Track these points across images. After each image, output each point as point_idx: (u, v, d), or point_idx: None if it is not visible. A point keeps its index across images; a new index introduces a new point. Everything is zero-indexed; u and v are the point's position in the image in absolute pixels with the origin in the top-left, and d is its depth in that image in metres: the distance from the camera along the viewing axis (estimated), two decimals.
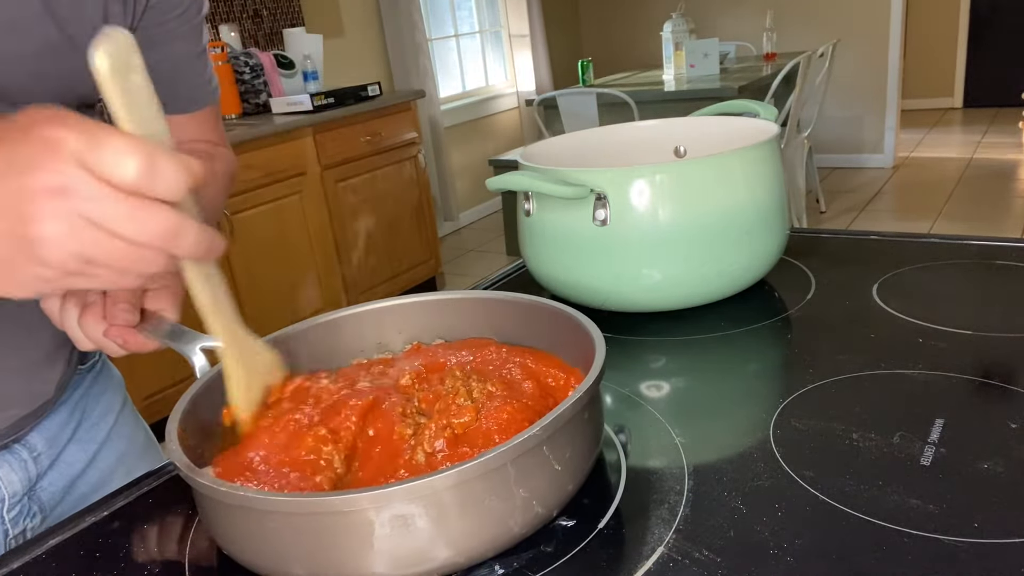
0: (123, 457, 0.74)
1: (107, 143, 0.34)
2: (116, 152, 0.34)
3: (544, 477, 0.42)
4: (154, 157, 0.34)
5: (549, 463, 0.42)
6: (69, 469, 0.69)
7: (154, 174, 0.34)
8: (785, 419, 0.54)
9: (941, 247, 0.82)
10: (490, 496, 0.40)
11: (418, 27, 4.05)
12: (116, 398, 0.76)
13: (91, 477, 0.71)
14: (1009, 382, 0.55)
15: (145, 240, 0.36)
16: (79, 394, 0.71)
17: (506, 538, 0.42)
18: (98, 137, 0.34)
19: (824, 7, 4.72)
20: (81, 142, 0.34)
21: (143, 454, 0.77)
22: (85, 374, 0.73)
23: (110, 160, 0.34)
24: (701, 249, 0.69)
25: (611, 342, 0.70)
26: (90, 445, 0.71)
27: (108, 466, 0.73)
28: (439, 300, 0.62)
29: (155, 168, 0.34)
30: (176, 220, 0.36)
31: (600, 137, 0.92)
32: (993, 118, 5.77)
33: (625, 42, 5.47)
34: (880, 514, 0.43)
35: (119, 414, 0.76)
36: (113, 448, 0.73)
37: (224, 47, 3.05)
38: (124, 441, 0.75)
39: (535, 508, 0.42)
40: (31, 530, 0.66)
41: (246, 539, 0.42)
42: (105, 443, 0.73)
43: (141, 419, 0.80)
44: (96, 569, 0.48)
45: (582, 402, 0.44)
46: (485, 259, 4.12)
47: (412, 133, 3.33)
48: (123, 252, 0.36)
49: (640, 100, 3.34)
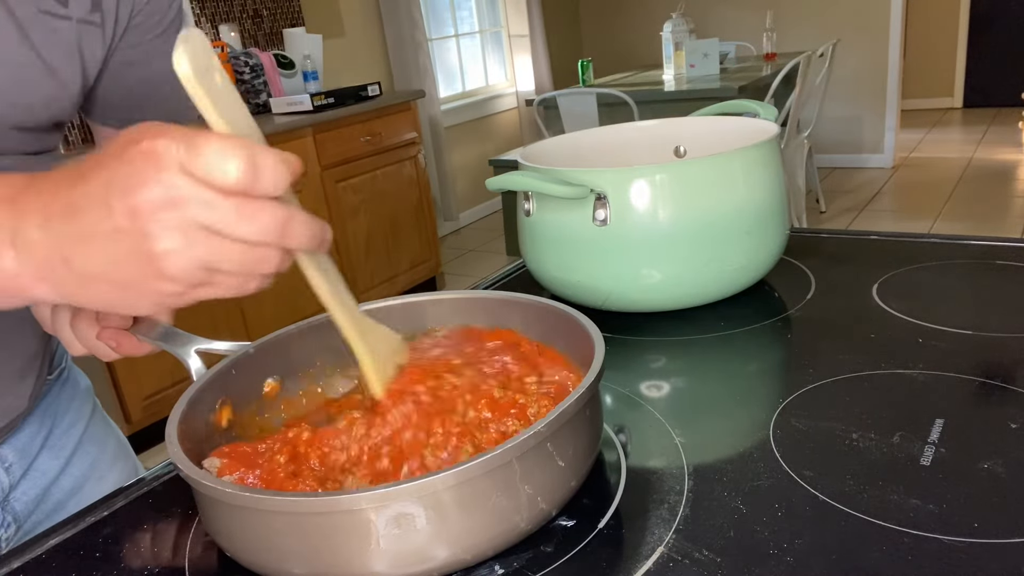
0: (95, 463, 0.73)
1: (206, 147, 0.34)
2: (216, 154, 0.34)
3: (548, 474, 0.43)
4: (254, 155, 0.34)
5: (553, 459, 0.43)
6: (42, 478, 0.69)
7: (256, 171, 0.34)
8: (785, 419, 0.54)
9: (941, 247, 0.82)
10: (496, 493, 0.40)
11: (418, 27, 4.05)
12: (85, 405, 0.75)
13: (64, 484, 0.70)
14: (1009, 382, 0.55)
15: (260, 237, 0.35)
16: (47, 402, 0.70)
17: (512, 535, 0.42)
18: (196, 142, 0.34)
19: (824, 7, 4.72)
20: (180, 149, 0.34)
21: (115, 460, 0.76)
22: (53, 382, 0.72)
23: (212, 163, 0.34)
24: (701, 249, 0.69)
25: (611, 342, 0.70)
26: (62, 452, 0.70)
27: (81, 473, 0.72)
28: (439, 300, 0.62)
29: (256, 165, 0.34)
30: (285, 213, 0.36)
31: (600, 137, 0.92)
32: (993, 118, 5.77)
33: (625, 42, 5.47)
34: (880, 514, 0.43)
35: (89, 421, 0.75)
36: (85, 455, 0.73)
37: (224, 47, 3.05)
38: (95, 447, 0.74)
39: (540, 505, 0.43)
40: (6, 540, 0.65)
41: (246, 539, 0.42)
42: (77, 450, 0.72)
43: (112, 424, 0.80)
44: (96, 569, 0.48)
45: (584, 399, 0.44)
46: (485, 259, 4.12)
47: (412, 133, 3.33)
48: (242, 254, 0.36)
49: (640, 100, 3.34)
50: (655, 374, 0.65)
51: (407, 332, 0.60)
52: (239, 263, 0.36)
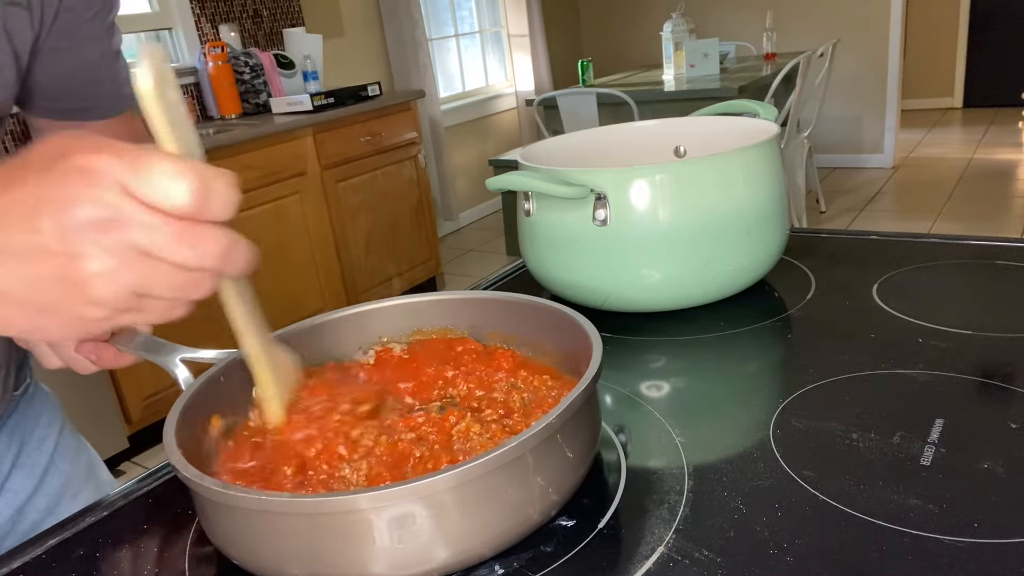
0: (69, 480, 0.72)
1: (154, 168, 0.32)
2: (166, 176, 0.32)
3: (558, 465, 0.43)
4: (206, 178, 0.33)
5: (562, 450, 0.44)
6: (15, 498, 0.67)
7: (207, 196, 0.33)
8: (785, 419, 0.54)
9: (941, 247, 0.82)
10: (511, 485, 0.41)
11: (418, 27, 4.05)
12: (54, 421, 0.73)
13: (39, 504, 0.69)
14: (1009, 382, 0.55)
15: (200, 263, 0.34)
16: (15, 420, 0.69)
17: (526, 527, 0.43)
18: (142, 162, 0.32)
19: (824, 7, 4.72)
20: (124, 169, 0.32)
21: (88, 476, 0.75)
22: (19, 399, 0.70)
23: (160, 185, 0.32)
24: (701, 249, 0.69)
25: (611, 342, 0.70)
26: (35, 471, 0.69)
27: (55, 491, 0.70)
28: (439, 300, 0.62)
29: (208, 189, 0.33)
30: (230, 239, 0.34)
31: (600, 137, 0.92)
32: (993, 118, 5.77)
33: (625, 42, 5.47)
34: (880, 514, 0.43)
35: (59, 436, 0.73)
36: (58, 472, 0.71)
37: (224, 47, 3.05)
38: (68, 464, 0.73)
39: (551, 496, 0.43)
40: None
41: (247, 541, 0.42)
42: (49, 468, 0.70)
43: (83, 439, 0.78)
44: (96, 569, 0.48)
45: (588, 393, 0.44)
46: (485, 259, 4.12)
47: (412, 133, 3.33)
48: (177, 280, 0.34)
49: (640, 100, 3.34)
50: (655, 374, 0.65)
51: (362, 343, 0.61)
52: (171, 288, 0.34)
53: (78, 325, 0.35)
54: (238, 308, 0.43)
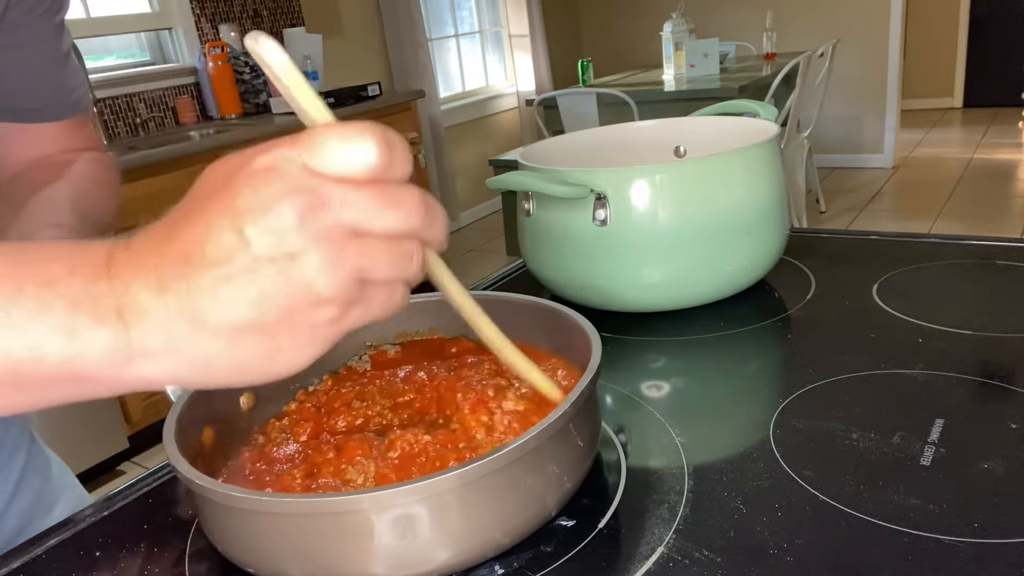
0: (41, 495, 0.70)
1: (330, 138, 0.30)
2: (344, 143, 0.30)
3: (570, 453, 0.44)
4: (383, 134, 0.30)
5: (574, 439, 0.44)
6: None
7: (391, 152, 0.31)
8: (785, 419, 0.54)
9: (941, 247, 0.82)
10: (529, 474, 0.42)
11: (418, 27, 4.05)
12: (22, 434, 0.71)
13: (12, 523, 0.66)
14: (1009, 382, 0.55)
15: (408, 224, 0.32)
16: None
17: (543, 516, 0.44)
18: (315, 138, 0.30)
19: (824, 7, 4.72)
20: (302, 151, 0.30)
21: (60, 489, 0.73)
22: None
23: (344, 153, 0.30)
24: (701, 249, 0.69)
25: (611, 342, 0.70)
26: (5, 487, 0.67)
27: (27, 505, 0.68)
28: (439, 300, 0.61)
29: (391, 146, 0.31)
30: (422, 193, 0.32)
31: (600, 137, 0.92)
32: (993, 118, 5.77)
33: (625, 42, 5.47)
34: (880, 514, 0.43)
35: (28, 451, 0.71)
36: (29, 487, 0.69)
37: (224, 47, 3.05)
38: (39, 478, 0.70)
39: (566, 484, 0.44)
40: None
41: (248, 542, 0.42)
42: (21, 483, 0.68)
43: (51, 452, 0.76)
44: (96, 569, 0.48)
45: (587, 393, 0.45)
46: (485, 259, 4.12)
47: (412, 133, 3.33)
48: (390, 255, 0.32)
49: (640, 100, 3.34)
50: (655, 374, 0.65)
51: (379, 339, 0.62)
52: (388, 264, 0.32)
53: (311, 336, 0.32)
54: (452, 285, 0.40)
